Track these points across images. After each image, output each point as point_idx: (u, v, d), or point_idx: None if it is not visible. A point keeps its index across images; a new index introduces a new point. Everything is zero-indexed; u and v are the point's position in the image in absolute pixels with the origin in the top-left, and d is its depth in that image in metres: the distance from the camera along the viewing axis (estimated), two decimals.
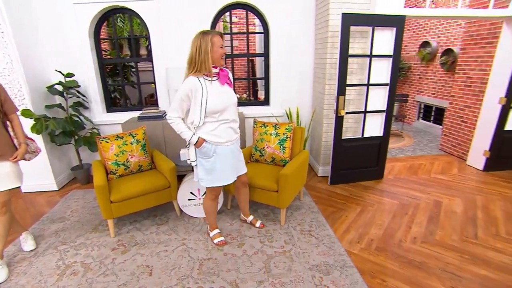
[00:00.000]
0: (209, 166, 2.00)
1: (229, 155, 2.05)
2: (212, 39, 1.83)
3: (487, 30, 3.63)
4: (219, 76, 1.93)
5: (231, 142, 2.04)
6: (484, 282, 1.90)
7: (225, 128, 1.97)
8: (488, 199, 2.97)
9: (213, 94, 1.87)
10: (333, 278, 1.94)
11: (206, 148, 1.95)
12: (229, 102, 1.94)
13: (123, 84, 3.32)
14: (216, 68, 1.91)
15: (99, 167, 2.51)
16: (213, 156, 1.98)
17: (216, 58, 1.87)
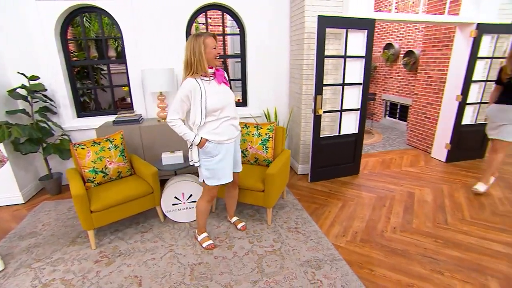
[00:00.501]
0: (212, 165, 2.01)
1: (231, 152, 2.08)
2: (205, 41, 1.84)
3: (443, 34, 3.97)
4: (216, 76, 1.96)
5: (233, 139, 2.07)
6: (457, 263, 2.08)
7: (227, 125, 1.99)
8: (453, 188, 3.25)
9: (212, 93, 1.89)
10: (325, 272, 2.00)
11: (209, 148, 1.96)
12: (227, 100, 1.97)
13: (94, 87, 3.13)
14: (212, 68, 1.93)
15: (74, 175, 2.35)
16: (218, 155, 1.99)
17: (210, 59, 1.89)
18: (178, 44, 3.25)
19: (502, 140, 2.90)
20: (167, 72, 2.99)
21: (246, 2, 3.33)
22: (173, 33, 3.21)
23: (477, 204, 2.90)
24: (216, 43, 1.91)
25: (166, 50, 3.23)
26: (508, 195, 3.08)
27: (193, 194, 2.56)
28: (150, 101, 3.35)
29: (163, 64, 3.24)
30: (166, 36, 3.19)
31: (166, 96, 3.27)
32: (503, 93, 2.88)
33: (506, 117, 2.84)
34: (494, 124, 2.95)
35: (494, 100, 2.96)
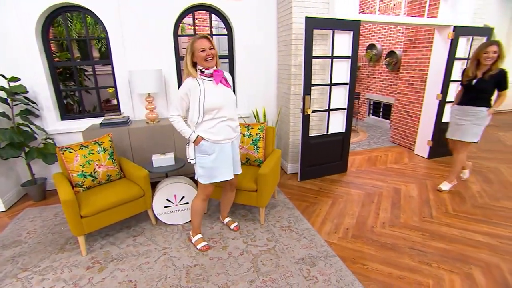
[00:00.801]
0: (206, 163, 2.03)
1: (228, 153, 2.08)
2: (193, 45, 1.90)
3: (422, 35, 4.14)
4: (214, 77, 1.97)
5: (230, 140, 2.07)
6: (443, 254, 2.19)
7: (224, 125, 2.01)
8: (436, 183, 3.39)
9: (210, 93, 1.93)
10: (319, 268, 2.05)
11: (205, 146, 2.00)
12: (225, 100, 1.98)
13: (78, 88, 3.03)
14: (209, 69, 1.95)
15: (62, 180, 2.27)
16: (212, 154, 2.02)
17: (200, 61, 1.93)
18: (166, 44, 3.22)
19: (462, 140, 2.98)
20: (156, 73, 2.95)
21: (234, 3, 3.33)
22: (160, 33, 3.17)
23: (458, 198, 3.05)
24: (209, 44, 1.91)
25: (153, 51, 3.18)
26: (486, 188, 3.26)
27: (185, 196, 2.55)
28: (137, 102, 3.29)
29: (151, 65, 3.19)
30: (153, 36, 3.14)
31: (155, 97, 3.22)
32: (463, 94, 2.98)
33: (466, 117, 2.93)
34: (455, 124, 3.03)
35: (456, 101, 3.07)
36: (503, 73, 2.75)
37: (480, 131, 2.93)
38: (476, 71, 2.84)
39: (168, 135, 3.09)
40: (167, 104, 3.40)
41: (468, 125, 2.92)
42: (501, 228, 2.50)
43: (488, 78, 2.75)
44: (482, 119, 2.88)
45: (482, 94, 2.84)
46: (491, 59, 2.69)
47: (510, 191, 3.17)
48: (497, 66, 2.72)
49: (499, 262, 2.10)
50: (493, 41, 2.71)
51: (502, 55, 2.68)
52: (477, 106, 2.86)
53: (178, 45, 3.32)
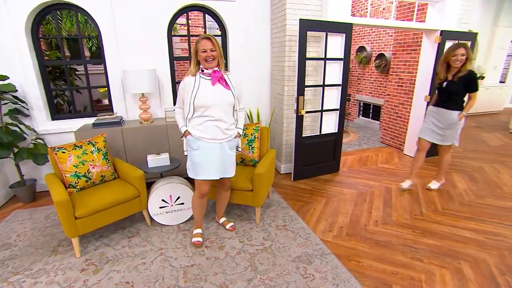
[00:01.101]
0: (193, 158, 2.09)
1: (214, 153, 2.08)
2: (197, 45, 1.97)
3: (411, 39, 4.26)
4: (211, 77, 2.01)
5: (217, 140, 2.07)
6: (434, 250, 2.26)
7: (211, 125, 2.03)
8: (425, 182, 3.49)
9: (203, 90, 1.98)
10: (316, 266, 2.08)
11: (190, 141, 2.08)
12: (216, 100, 1.99)
13: (70, 88, 2.96)
14: (208, 69, 2.00)
15: (54, 180, 2.23)
16: (197, 150, 2.06)
17: (201, 61, 2.00)
18: (160, 44, 3.20)
19: (442, 144, 3.08)
20: (150, 73, 2.93)
21: (228, 4, 3.35)
22: (154, 33, 3.15)
23: (446, 196, 3.15)
24: (210, 46, 1.94)
25: (147, 51, 3.16)
26: (472, 186, 3.38)
27: (180, 196, 2.54)
28: (131, 102, 3.26)
29: (145, 65, 3.17)
30: (147, 36, 3.12)
31: (148, 97, 3.19)
32: (438, 97, 3.04)
33: (440, 120, 2.98)
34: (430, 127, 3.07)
35: (433, 102, 3.12)
36: (472, 75, 2.78)
37: (457, 134, 3.00)
38: (446, 74, 2.89)
39: (162, 135, 3.07)
40: (160, 104, 3.38)
41: (446, 130, 2.98)
42: (487, 225, 2.61)
43: (458, 80, 2.79)
44: (455, 124, 2.93)
45: (453, 96, 2.87)
46: (460, 61, 2.73)
47: (494, 190, 3.30)
48: (465, 68, 2.76)
49: (486, 256, 2.19)
50: (461, 44, 2.75)
51: (469, 57, 2.73)
52: (450, 109, 2.91)
53: (172, 45, 3.31)
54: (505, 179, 3.58)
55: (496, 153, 4.56)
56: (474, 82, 2.79)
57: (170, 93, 3.40)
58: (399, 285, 1.91)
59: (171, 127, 3.08)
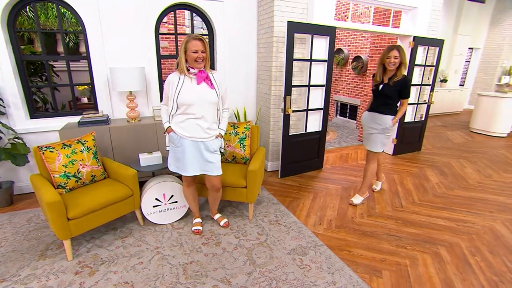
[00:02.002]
0: (175, 154, 2.17)
1: (193, 150, 2.13)
2: (187, 44, 1.99)
3: (386, 43, 4.55)
4: (196, 76, 2.05)
5: (197, 139, 2.11)
6: (415, 238, 2.47)
7: (192, 123, 2.08)
8: (402, 177, 3.76)
9: (186, 88, 2.02)
10: (311, 257, 2.19)
11: (172, 138, 2.13)
12: (199, 99, 2.04)
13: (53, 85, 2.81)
14: (194, 69, 2.04)
15: (42, 181, 2.13)
16: (179, 147, 2.12)
17: (190, 61, 2.02)
18: (148, 42, 3.15)
19: (371, 150, 2.94)
20: (138, 71, 2.88)
21: (216, 4, 3.37)
22: (141, 31, 3.09)
23: (421, 189, 3.42)
24: (202, 47, 1.98)
25: (135, 48, 3.10)
26: (442, 180, 3.70)
27: (174, 195, 2.53)
28: (116, 100, 3.17)
29: (132, 63, 3.10)
30: (134, 33, 3.06)
31: (136, 95, 3.13)
32: (373, 101, 2.94)
33: (374, 125, 2.88)
34: (366, 132, 2.99)
35: (367, 108, 3.03)
36: (405, 81, 2.70)
37: (386, 141, 2.90)
38: (383, 76, 2.81)
39: (150, 134, 3.03)
40: (147, 102, 3.32)
41: (376, 134, 2.87)
42: (458, 213, 2.88)
43: (393, 84, 2.70)
44: (387, 129, 2.83)
45: (388, 100, 2.78)
46: (393, 64, 2.64)
47: (461, 182, 3.63)
48: (401, 73, 2.68)
49: (459, 241, 2.43)
50: (395, 46, 2.64)
51: (403, 61, 2.63)
52: (384, 114, 2.81)
53: (159, 43, 3.27)
54: (469, 173, 3.95)
55: (460, 150, 5.00)
56: (407, 88, 2.72)
57: (157, 92, 3.35)
58: (387, 271, 2.07)
59: (160, 126, 3.05)
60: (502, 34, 8.38)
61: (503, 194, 3.33)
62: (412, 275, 2.03)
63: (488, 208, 2.99)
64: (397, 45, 2.64)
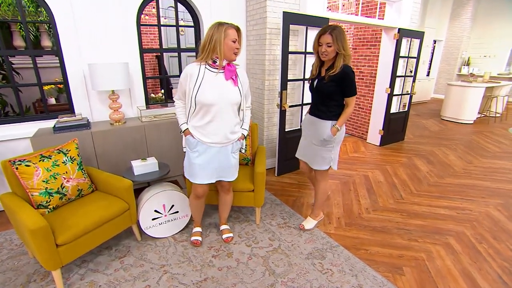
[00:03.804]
0: (192, 159, 1.91)
1: (213, 157, 1.90)
2: (226, 31, 1.72)
3: (370, 35, 4.58)
4: (225, 71, 1.79)
5: (217, 145, 1.88)
6: (423, 230, 2.48)
7: (212, 128, 1.83)
8: (394, 167, 3.82)
9: (209, 85, 1.75)
10: (330, 260, 2.09)
11: (190, 141, 1.89)
12: (221, 98, 1.77)
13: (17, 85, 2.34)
14: (224, 60, 1.77)
15: (17, 202, 1.77)
16: (196, 152, 1.88)
17: (226, 51, 1.74)
18: (128, 34, 2.80)
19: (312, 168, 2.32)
20: (122, 67, 2.54)
21: None
22: (121, 22, 2.72)
23: (415, 179, 3.49)
24: (239, 38, 1.77)
25: (114, 42, 2.73)
26: (432, 168, 3.82)
27: (175, 204, 2.29)
28: (96, 101, 2.79)
29: (112, 58, 2.74)
30: (113, 25, 2.68)
31: (120, 95, 2.77)
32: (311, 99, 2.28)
33: (311, 133, 2.24)
34: (304, 141, 2.36)
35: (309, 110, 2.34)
36: (345, 74, 1.95)
37: (329, 155, 2.20)
38: (320, 68, 2.12)
39: (138, 138, 2.71)
40: (131, 102, 2.98)
41: (314, 146, 2.21)
42: (454, 201, 2.96)
43: (328, 80, 2.00)
44: (325, 141, 2.14)
45: (325, 99, 2.09)
46: (326, 53, 1.95)
47: (449, 170, 3.78)
48: (339, 63, 1.94)
49: (463, 229, 2.49)
50: (328, 28, 1.91)
51: (339, 50, 1.91)
52: (322, 119, 2.13)
53: (141, 36, 2.92)
54: (453, 160, 4.13)
55: (438, 137, 5.24)
56: (349, 82, 1.98)
57: (141, 90, 3.01)
58: (408, 267, 2.04)
59: (149, 128, 2.74)
60: (461, 27, 8.96)
61: (487, 179, 3.51)
62: (432, 270, 2.02)
63: (479, 194, 3.12)
64: (332, 27, 1.91)
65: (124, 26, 2.76)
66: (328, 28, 1.92)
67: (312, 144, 2.23)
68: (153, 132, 2.77)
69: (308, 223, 2.46)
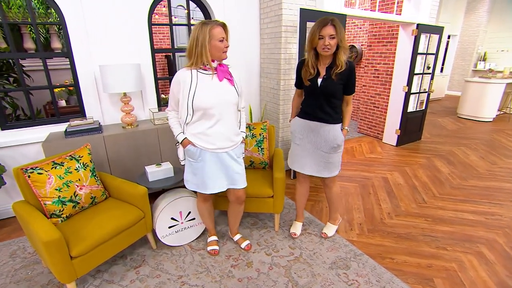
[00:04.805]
0: (193, 169, 1.81)
1: (217, 164, 1.79)
2: (211, 31, 1.59)
3: (386, 31, 4.41)
4: (217, 72, 1.68)
5: (221, 149, 1.76)
6: (451, 237, 2.34)
7: (214, 132, 1.71)
8: (413, 169, 3.67)
9: (204, 88, 1.65)
10: (355, 270, 1.97)
11: (191, 151, 1.76)
12: (219, 100, 1.67)
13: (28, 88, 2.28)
14: (214, 62, 1.67)
15: (30, 211, 1.70)
16: (200, 162, 1.76)
17: (214, 52, 1.64)
18: (140, 34, 2.71)
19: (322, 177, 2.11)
20: (134, 69, 2.46)
21: None
22: (132, 21, 2.64)
23: (437, 181, 3.34)
24: (226, 34, 1.65)
25: (125, 42, 2.65)
26: (453, 170, 3.65)
27: (191, 211, 2.20)
28: (107, 103, 2.72)
29: (123, 59, 2.66)
30: (124, 25, 2.60)
31: (132, 97, 2.69)
32: (306, 102, 2.02)
33: (317, 141, 2.00)
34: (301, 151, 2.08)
35: (295, 112, 2.16)
36: (353, 67, 1.85)
37: (340, 158, 2.08)
38: (317, 65, 1.89)
39: (151, 141, 2.63)
40: (143, 104, 2.90)
41: (325, 154, 2.00)
42: (482, 205, 2.81)
43: (337, 78, 1.81)
44: (340, 146, 2.00)
45: (332, 101, 1.89)
46: (329, 47, 1.74)
47: (472, 171, 3.61)
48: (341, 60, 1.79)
49: (495, 237, 2.34)
50: (330, 19, 1.73)
51: (341, 42, 1.75)
52: (329, 123, 1.94)
53: (152, 35, 2.84)
54: (475, 160, 3.95)
55: (456, 136, 5.05)
56: (354, 78, 1.88)
57: (153, 91, 2.93)
58: (439, 278, 1.92)
59: (162, 131, 2.66)
60: (477, 21, 8.66)
61: None
62: (466, 281, 1.89)
63: (508, 198, 2.96)
64: (331, 18, 1.74)
65: (136, 26, 2.67)
66: (328, 19, 1.73)
67: (321, 152, 2.02)
68: (166, 135, 2.68)
69: (329, 230, 2.35)
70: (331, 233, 2.33)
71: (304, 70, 1.92)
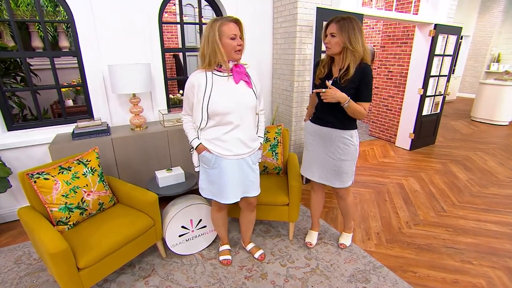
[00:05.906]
0: (209, 176, 1.71)
1: (234, 171, 1.66)
2: (221, 28, 1.47)
3: (401, 32, 4.27)
4: (233, 73, 1.57)
5: (239, 156, 1.65)
6: (476, 249, 2.21)
7: (231, 138, 1.60)
8: (429, 174, 3.53)
9: (219, 92, 1.53)
10: (375, 284, 1.86)
11: (206, 158, 1.65)
12: (237, 104, 1.55)
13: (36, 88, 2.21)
14: (229, 62, 1.54)
15: (36, 218, 1.62)
16: (215, 169, 1.65)
17: (226, 51, 1.50)
18: (150, 33, 2.62)
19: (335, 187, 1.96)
20: (144, 69, 2.36)
21: None
22: (142, 20, 2.56)
23: (455, 188, 3.20)
24: (239, 32, 1.52)
25: (135, 42, 2.56)
26: (471, 176, 3.51)
27: (203, 219, 2.10)
28: (115, 105, 2.63)
29: (133, 58, 2.57)
30: (134, 24, 2.52)
31: (141, 98, 2.61)
32: (319, 105, 1.88)
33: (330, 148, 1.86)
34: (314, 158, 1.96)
35: (309, 114, 2.06)
36: (365, 72, 1.65)
37: (353, 167, 1.92)
38: (332, 66, 1.80)
39: (161, 144, 2.54)
40: (152, 105, 2.81)
41: (337, 163, 1.86)
42: (506, 216, 2.67)
43: (345, 83, 1.66)
44: (353, 153, 1.85)
45: (341, 106, 1.68)
46: (328, 45, 1.68)
47: (491, 178, 3.46)
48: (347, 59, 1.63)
49: None
50: (337, 17, 1.64)
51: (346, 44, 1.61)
52: (341, 129, 1.80)
53: (163, 35, 2.74)
54: (494, 166, 3.80)
55: (471, 141, 4.89)
56: (365, 83, 1.66)
57: (163, 92, 2.84)
58: None
59: (172, 133, 2.56)
60: (492, 21, 8.45)
61: None
62: None
63: None
64: (342, 16, 1.63)
65: (146, 24, 2.58)
66: (336, 18, 1.64)
67: (332, 159, 1.87)
68: (177, 137, 2.59)
69: (346, 240, 2.25)
70: (349, 243, 2.23)
71: (318, 69, 1.87)
